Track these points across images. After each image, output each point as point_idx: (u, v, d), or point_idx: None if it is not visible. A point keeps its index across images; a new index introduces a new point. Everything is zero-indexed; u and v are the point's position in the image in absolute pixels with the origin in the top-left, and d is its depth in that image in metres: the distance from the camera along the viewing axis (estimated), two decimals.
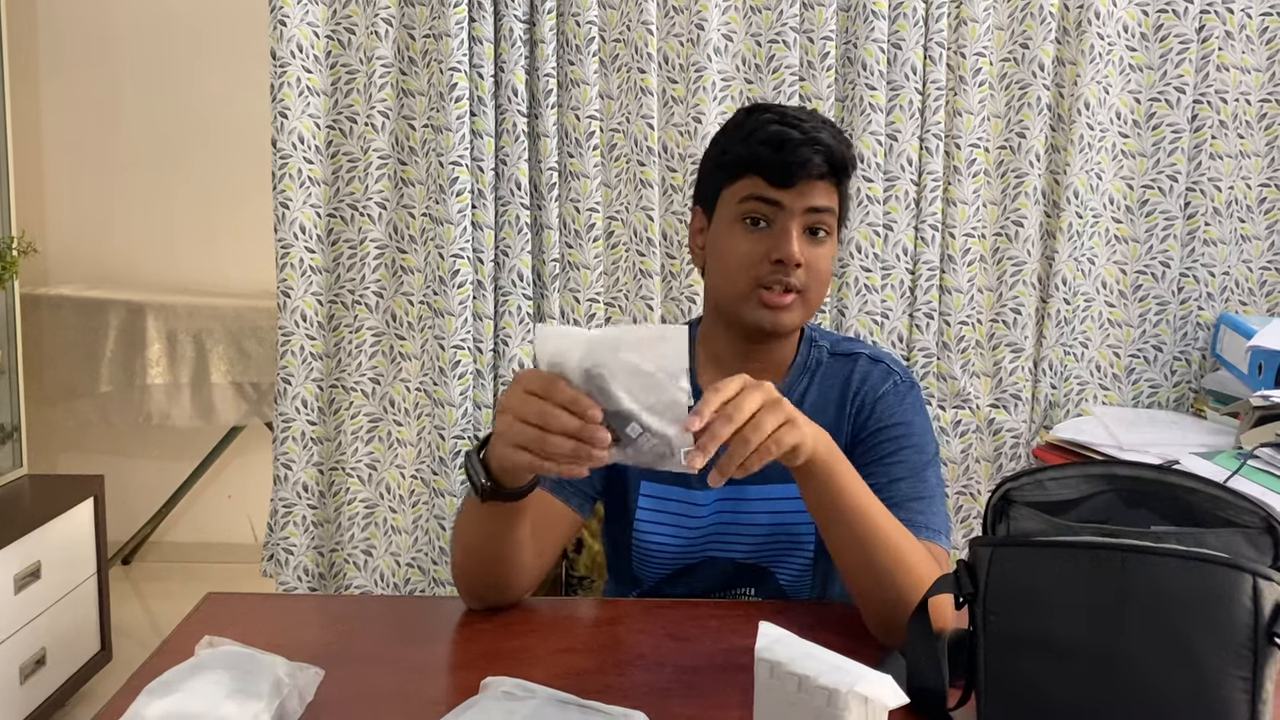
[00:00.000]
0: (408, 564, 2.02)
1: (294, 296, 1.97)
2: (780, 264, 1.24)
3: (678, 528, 1.35)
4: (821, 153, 1.23)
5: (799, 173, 1.23)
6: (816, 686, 0.82)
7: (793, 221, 1.25)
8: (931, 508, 1.25)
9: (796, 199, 1.24)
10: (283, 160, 1.93)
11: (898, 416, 1.31)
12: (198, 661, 0.95)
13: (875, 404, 1.32)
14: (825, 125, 1.27)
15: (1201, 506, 0.93)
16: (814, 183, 1.24)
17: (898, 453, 1.28)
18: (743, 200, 1.27)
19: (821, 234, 1.27)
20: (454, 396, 1.95)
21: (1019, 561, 0.91)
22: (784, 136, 1.24)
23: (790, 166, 1.23)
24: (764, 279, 1.25)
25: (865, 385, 1.34)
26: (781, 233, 1.25)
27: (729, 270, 1.28)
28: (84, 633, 2.55)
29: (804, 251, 1.24)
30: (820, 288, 1.28)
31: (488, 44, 1.91)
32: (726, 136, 1.31)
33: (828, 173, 1.25)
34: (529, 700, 0.91)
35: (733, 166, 1.28)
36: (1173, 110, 1.99)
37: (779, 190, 1.24)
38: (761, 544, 1.34)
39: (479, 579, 1.20)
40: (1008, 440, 2.05)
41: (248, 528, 3.51)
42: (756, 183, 1.25)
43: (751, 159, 1.25)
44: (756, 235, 1.26)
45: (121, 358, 3.09)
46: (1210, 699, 0.84)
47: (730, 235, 1.28)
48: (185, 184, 3.38)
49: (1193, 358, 2.06)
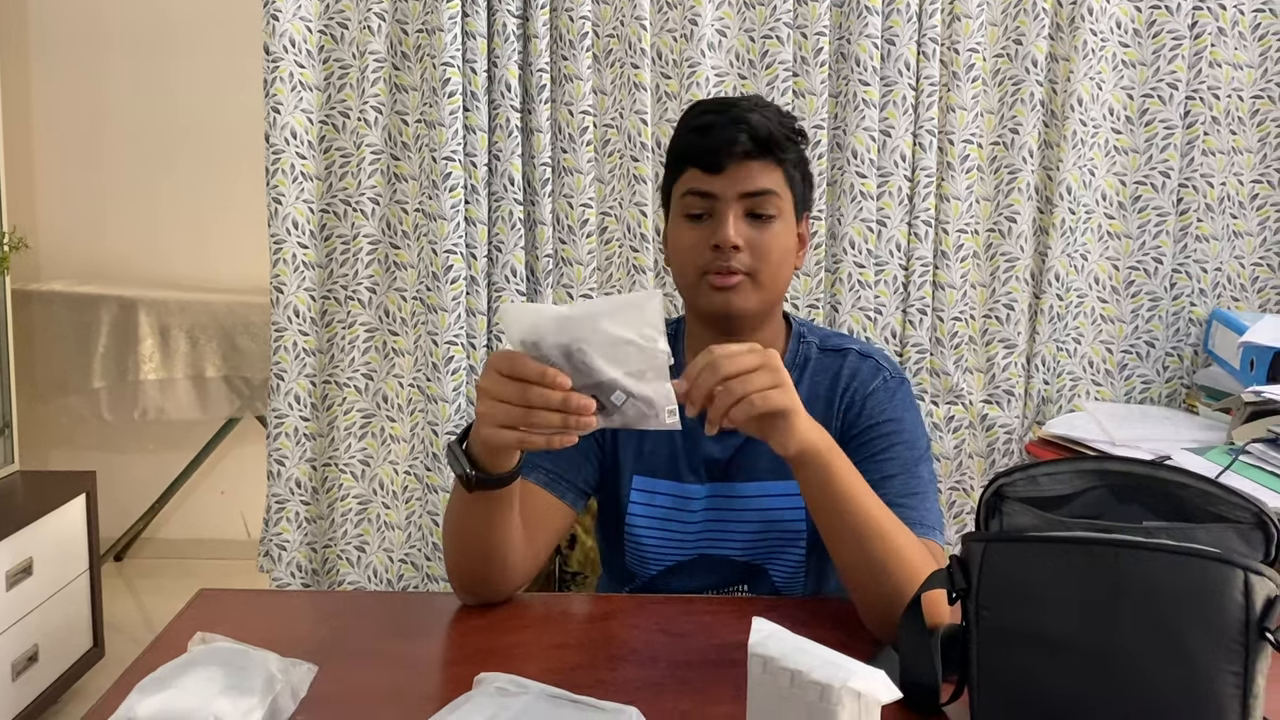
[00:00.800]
0: (401, 560, 2.01)
1: (287, 292, 1.96)
2: (719, 249, 1.26)
3: (669, 522, 1.35)
4: (745, 131, 1.24)
5: (725, 154, 1.25)
6: (809, 681, 0.82)
7: (729, 208, 1.26)
8: (925, 504, 1.26)
9: (729, 185, 1.26)
10: (275, 155, 1.92)
11: (888, 413, 1.32)
12: (190, 658, 0.95)
13: (866, 400, 1.33)
14: (759, 107, 1.28)
15: (1193, 502, 0.93)
16: (745, 164, 1.26)
17: (889, 449, 1.28)
18: (682, 196, 1.30)
19: (766, 217, 1.27)
20: (447, 392, 1.95)
21: (1011, 556, 0.91)
22: (710, 123, 1.26)
23: (716, 151, 1.25)
24: (708, 266, 1.27)
25: (855, 381, 1.34)
26: (718, 220, 1.27)
27: (679, 264, 1.31)
28: (76, 629, 2.55)
29: (744, 234, 1.26)
30: (771, 269, 1.28)
31: (481, 39, 1.91)
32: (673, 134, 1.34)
33: (756, 151, 1.25)
34: (522, 696, 0.91)
35: (673, 162, 1.32)
36: (1165, 106, 1.99)
37: (711, 177, 1.26)
38: (755, 541, 1.34)
39: (471, 573, 1.20)
40: (1000, 436, 2.05)
41: (240, 524, 3.50)
42: (693, 175, 1.28)
43: (683, 150, 1.29)
44: (698, 227, 1.28)
45: (114, 353, 3.09)
46: (1202, 694, 0.84)
47: (677, 231, 1.31)
48: (177, 179, 3.37)
49: (1185, 353, 2.07)
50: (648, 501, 1.35)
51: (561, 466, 1.31)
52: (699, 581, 1.36)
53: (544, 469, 1.30)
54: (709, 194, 1.27)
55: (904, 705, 0.92)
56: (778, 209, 1.28)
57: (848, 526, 1.11)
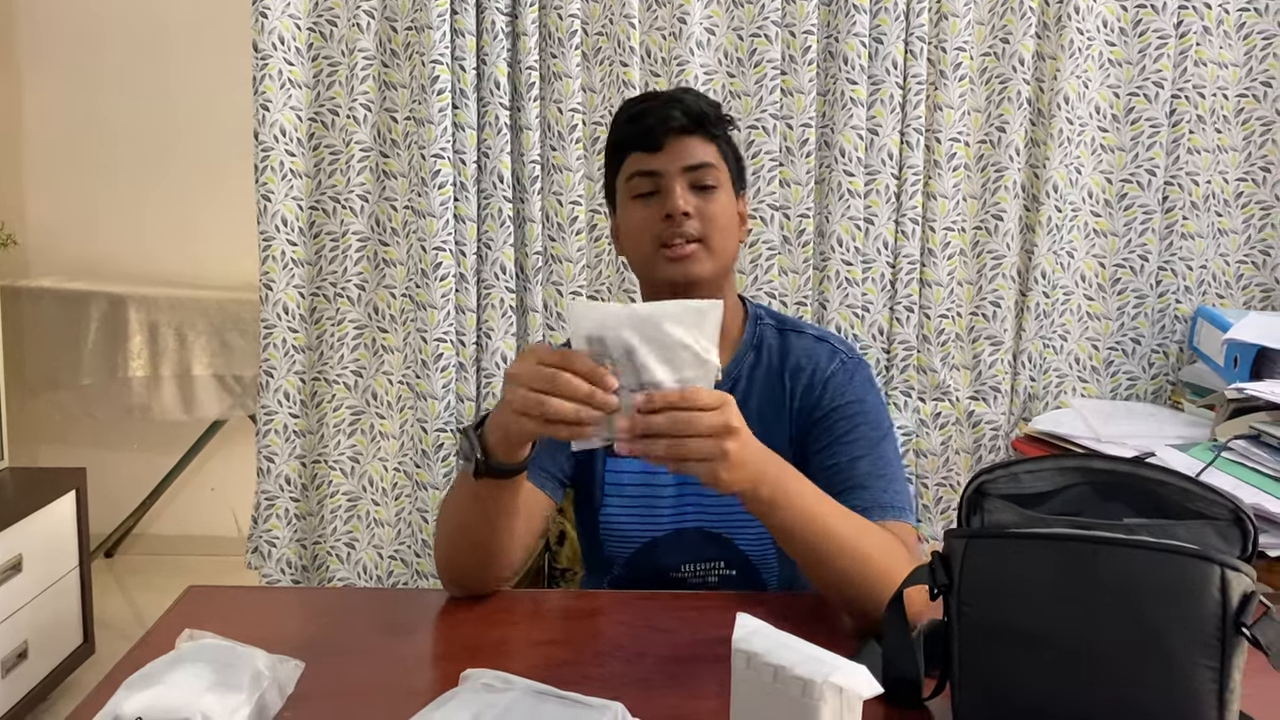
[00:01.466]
0: (390, 556, 2.02)
1: (276, 289, 1.96)
2: (670, 219, 1.31)
3: (642, 499, 1.39)
4: (679, 108, 1.32)
5: (661, 130, 1.31)
6: (792, 677, 0.83)
7: (674, 181, 1.32)
8: (893, 485, 1.28)
9: (670, 161, 1.32)
10: (264, 153, 1.92)
11: (848, 395, 1.35)
12: (178, 654, 0.95)
13: (826, 384, 1.36)
14: (687, 92, 1.36)
15: (1172, 499, 0.94)
16: (682, 139, 1.32)
17: (853, 430, 1.31)
18: (629, 180, 1.35)
19: (709, 188, 1.33)
20: (436, 389, 1.95)
21: (993, 553, 0.92)
22: (643, 110, 1.34)
23: (652, 130, 1.32)
24: (663, 237, 1.32)
25: (811, 363, 1.38)
26: (666, 193, 1.32)
27: (634, 243, 1.36)
28: (66, 626, 2.54)
29: (691, 203, 1.31)
30: (722, 236, 1.34)
31: (470, 37, 1.91)
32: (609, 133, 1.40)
33: (692, 126, 1.32)
34: (508, 692, 0.92)
35: (612, 153, 1.38)
36: (1151, 105, 2.00)
37: (653, 156, 1.32)
38: (724, 512, 1.37)
39: (464, 563, 1.22)
40: (987, 432, 2.06)
41: (231, 520, 3.50)
42: (635, 158, 1.34)
43: (621, 139, 1.36)
44: (647, 205, 1.34)
45: (103, 350, 3.08)
46: (1179, 689, 0.85)
47: (628, 213, 1.36)
48: (167, 176, 3.36)
49: (1170, 351, 2.08)
50: (618, 482, 1.39)
51: (541, 457, 1.35)
52: (674, 557, 1.39)
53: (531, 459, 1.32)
54: (653, 172, 1.33)
55: (886, 700, 0.93)
56: (718, 180, 1.34)
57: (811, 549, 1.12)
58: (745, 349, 1.41)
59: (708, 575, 1.39)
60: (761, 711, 0.86)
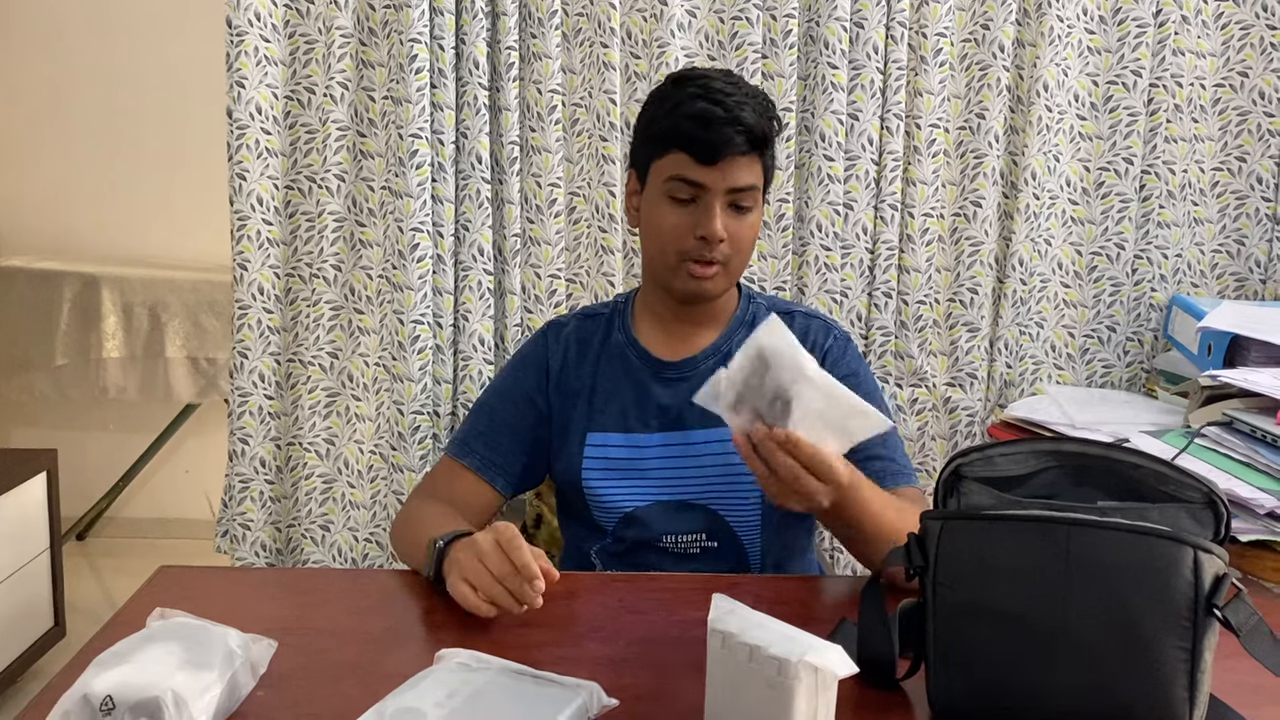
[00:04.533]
0: (365, 539, 2.01)
1: (251, 269, 1.94)
2: (704, 240, 1.32)
3: (626, 472, 1.40)
4: (744, 133, 1.29)
5: (722, 151, 1.29)
6: (767, 656, 0.83)
7: (716, 200, 1.31)
8: (897, 452, 1.37)
9: (719, 179, 1.31)
10: (239, 131, 1.90)
11: (844, 368, 1.40)
12: (148, 633, 0.94)
13: (824, 358, 1.41)
14: (750, 99, 1.32)
15: (1146, 482, 0.95)
16: (737, 159, 1.31)
17: None
18: (669, 179, 1.33)
19: (746, 207, 1.34)
20: (413, 371, 1.94)
21: (968, 534, 0.93)
22: (709, 115, 1.29)
23: (714, 145, 1.29)
24: (689, 253, 1.33)
25: (809, 339, 1.43)
26: (705, 211, 1.31)
27: (658, 243, 1.36)
28: (37, 609, 2.52)
29: (727, 226, 1.32)
30: (742, 256, 1.37)
31: (449, 15, 1.90)
32: (654, 106, 1.37)
33: (749, 150, 1.31)
34: (483, 671, 0.91)
35: (660, 140, 1.34)
36: (1129, 94, 2.01)
37: (703, 168, 1.30)
38: (710, 485, 1.39)
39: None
40: (963, 419, 2.07)
41: (204, 503, 3.48)
42: (682, 160, 1.31)
43: (676, 135, 1.31)
44: (683, 211, 1.33)
45: (76, 331, 3.04)
46: (1151, 669, 0.86)
47: (659, 210, 1.35)
48: (140, 154, 3.32)
49: (1145, 338, 2.09)
50: (602, 455, 1.41)
51: (495, 453, 1.42)
52: (658, 528, 1.40)
53: (478, 454, 1.41)
54: (699, 184, 1.31)
55: (861, 680, 0.93)
56: (755, 201, 1.35)
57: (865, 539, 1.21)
58: (737, 324, 1.45)
59: (689, 547, 1.40)
60: (737, 691, 0.86)
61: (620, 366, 1.43)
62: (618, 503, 1.40)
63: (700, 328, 1.44)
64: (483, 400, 1.49)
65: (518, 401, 1.45)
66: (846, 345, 1.45)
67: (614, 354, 1.45)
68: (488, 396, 1.49)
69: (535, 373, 1.46)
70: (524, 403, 1.44)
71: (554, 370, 1.45)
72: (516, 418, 1.44)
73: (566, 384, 1.44)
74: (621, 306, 1.50)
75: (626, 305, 1.49)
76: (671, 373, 1.42)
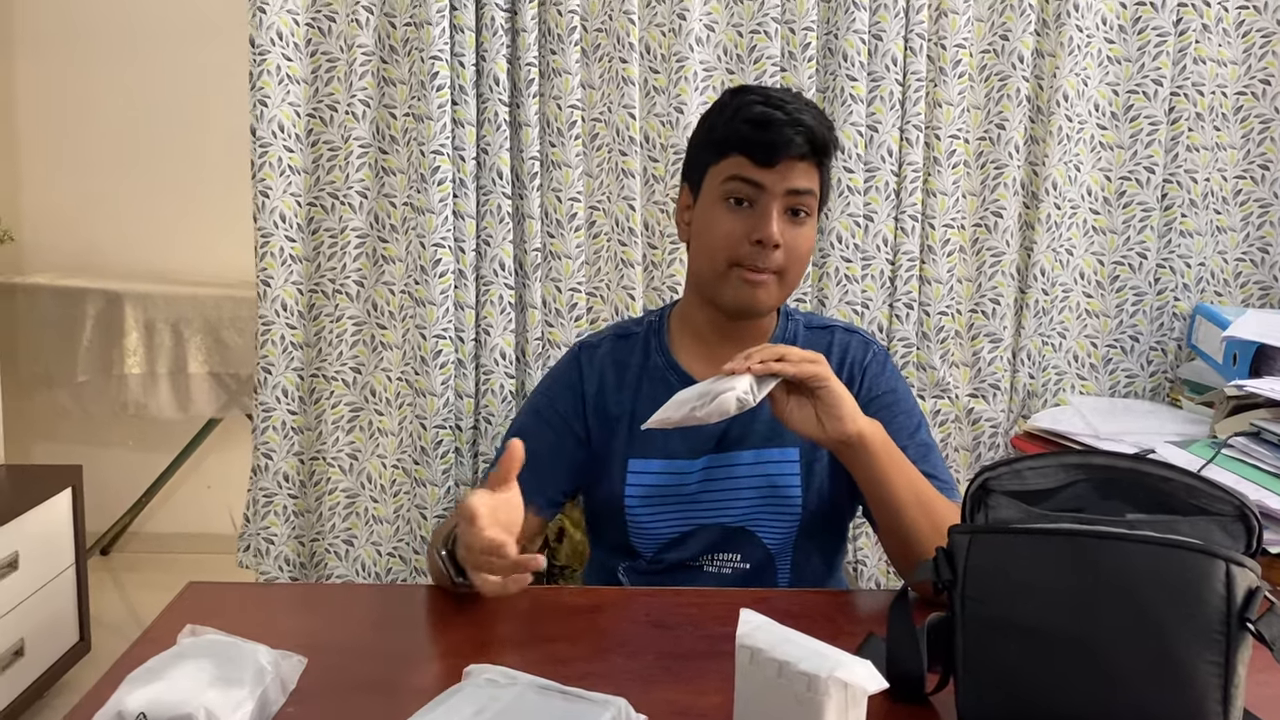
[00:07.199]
0: (389, 553, 2.01)
1: (274, 285, 1.96)
2: (760, 244, 1.29)
3: (667, 500, 1.38)
4: (804, 133, 1.28)
5: (781, 152, 1.28)
6: (796, 672, 0.83)
7: (774, 203, 1.29)
8: (939, 467, 1.35)
9: (778, 180, 1.29)
10: (262, 149, 1.92)
11: (883, 385, 1.39)
12: (180, 650, 0.95)
13: (862, 375, 1.39)
14: (809, 107, 1.32)
15: (1176, 495, 0.94)
16: (795, 163, 1.29)
17: (892, 421, 1.33)
18: (726, 180, 1.31)
19: (802, 215, 1.32)
20: (435, 386, 1.95)
21: (997, 548, 0.92)
22: (768, 117, 1.28)
23: (774, 145, 1.27)
24: (743, 258, 1.30)
25: (847, 356, 1.41)
26: (762, 213, 1.29)
27: (710, 248, 1.33)
28: (62, 624, 2.54)
29: (784, 232, 1.29)
30: (798, 268, 1.34)
31: (469, 32, 1.91)
32: (714, 116, 1.36)
33: (809, 153, 1.29)
34: (511, 687, 0.92)
35: (718, 145, 1.32)
36: (1150, 103, 2.00)
37: (761, 170, 1.29)
38: (750, 506, 1.38)
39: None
40: (986, 430, 2.06)
41: (227, 518, 3.49)
42: (740, 162, 1.30)
43: (736, 138, 1.30)
44: (738, 215, 1.31)
45: (99, 347, 3.07)
46: (1183, 684, 0.85)
47: (713, 214, 1.32)
48: (164, 172, 3.35)
49: (1169, 348, 2.08)
50: (643, 483, 1.39)
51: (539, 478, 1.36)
52: (696, 551, 1.39)
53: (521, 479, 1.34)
54: (758, 184, 1.29)
55: (890, 695, 0.93)
56: (811, 209, 1.33)
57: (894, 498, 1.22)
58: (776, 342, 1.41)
59: (722, 567, 1.40)
60: (766, 707, 0.86)
61: (662, 391, 1.39)
62: (660, 531, 1.38)
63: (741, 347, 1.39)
64: (519, 423, 1.46)
65: (554, 424, 1.42)
66: (885, 362, 1.43)
67: (654, 378, 1.41)
68: (523, 419, 1.46)
69: (570, 396, 1.43)
70: (560, 425, 1.41)
71: (590, 395, 1.42)
72: (555, 440, 1.40)
73: (605, 409, 1.41)
74: (656, 325, 1.46)
75: (661, 323, 1.45)
76: None
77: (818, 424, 1.19)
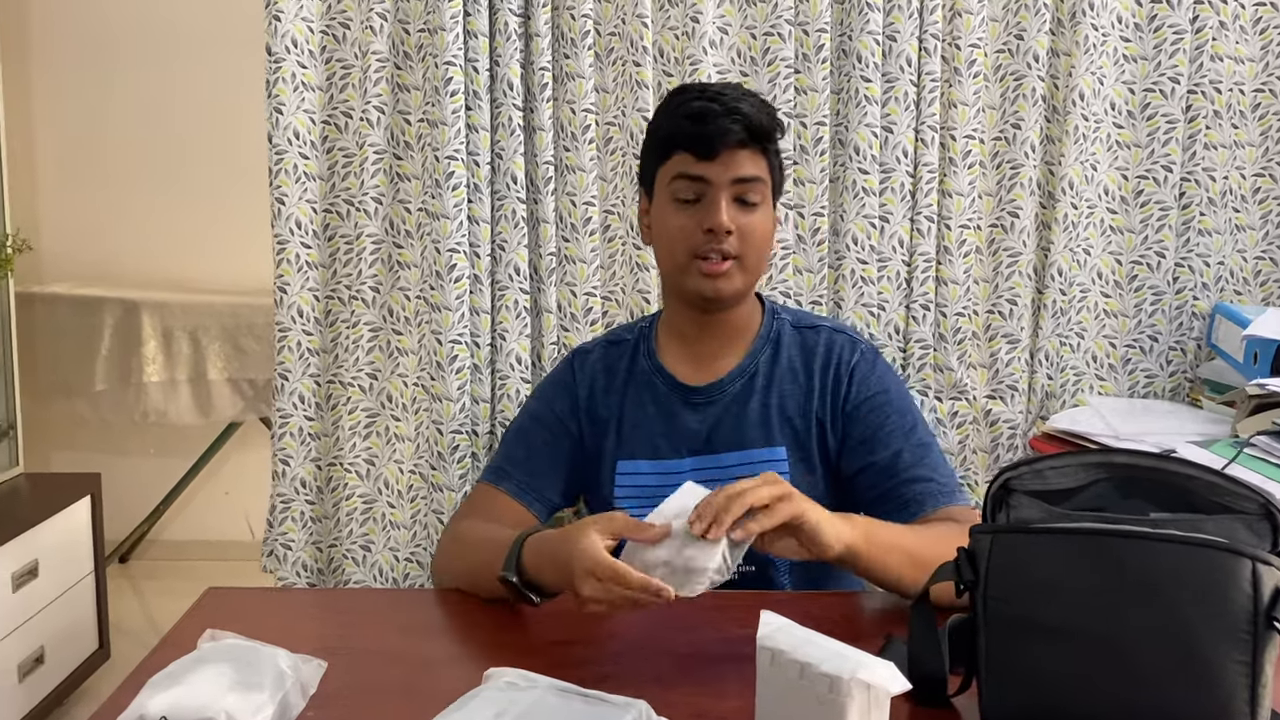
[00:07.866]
0: (406, 559, 2.02)
1: (290, 292, 1.96)
2: (711, 233, 1.31)
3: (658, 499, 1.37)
4: (740, 122, 1.30)
5: (719, 143, 1.30)
6: (818, 674, 0.82)
7: (721, 193, 1.32)
8: (938, 467, 1.34)
9: (722, 171, 1.31)
10: (278, 156, 1.92)
11: (873, 386, 1.39)
12: (200, 654, 0.95)
13: (850, 376, 1.39)
14: (746, 96, 1.34)
15: (1199, 493, 0.93)
16: (736, 152, 1.31)
17: (885, 422, 1.34)
18: (674, 179, 1.34)
19: (752, 202, 1.34)
20: (452, 391, 1.95)
21: (1019, 548, 0.92)
22: (705, 110, 1.31)
23: (712, 137, 1.30)
24: (699, 250, 1.33)
25: (834, 356, 1.41)
26: (710, 205, 1.32)
27: (669, 246, 1.36)
28: (82, 631, 2.55)
29: (735, 219, 1.32)
30: (757, 253, 1.36)
31: (483, 38, 1.91)
32: (657, 117, 1.40)
33: (749, 140, 1.32)
34: (531, 690, 0.91)
35: (662, 145, 1.36)
36: (1167, 101, 1.99)
37: (704, 163, 1.31)
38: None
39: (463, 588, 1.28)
40: (1004, 431, 2.05)
41: (244, 525, 3.51)
42: (684, 159, 1.33)
43: (678, 135, 1.33)
44: (690, 210, 1.34)
45: (117, 355, 3.09)
46: (1210, 683, 0.84)
47: (666, 213, 1.36)
48: (180, 180, 3.37)
49: (1188, 347, 2.07)
50: (632, 483, 1.41)
51: (532, 477, 1.42)
52: None
53: (514, 479, 1.40)
54: (701, 179, 1.32)
55: (912, 697, 0.93)
56: (762, 196, 1.35)
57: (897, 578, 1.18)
58: (763, 342, 1.43)
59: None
60: (787, 709, 0.85)
61: (648, 394, 1.43)
62: None
63: (724, 345, 1.42)
64: (516, 426, 1.50)
65: (551, 425, 1.46)
66: (875, 360, 1.43)
67: (641, 381, 1.45)
68: (521, 421, 1.50)
69: (566, 398, 1.47)
70: (557, 426, 1.46)
71: (582, 399, 1.46)
72: (551, 442, 1.45)
73: (595, 413, 1.45)
74: (646, 330, 1.50)
75: (650, 329, 1.50)
76: (699, 397, 1.41)
77: (800, 549, 1.14)
